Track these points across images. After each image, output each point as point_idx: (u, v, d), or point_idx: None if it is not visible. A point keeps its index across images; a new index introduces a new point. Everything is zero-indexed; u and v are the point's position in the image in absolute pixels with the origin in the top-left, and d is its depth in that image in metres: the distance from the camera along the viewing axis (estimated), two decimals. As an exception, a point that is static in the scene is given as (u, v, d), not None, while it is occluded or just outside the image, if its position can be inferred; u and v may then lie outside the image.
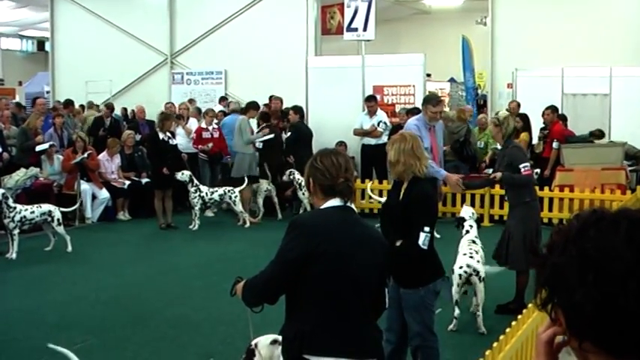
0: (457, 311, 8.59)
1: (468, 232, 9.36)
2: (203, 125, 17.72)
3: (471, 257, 8.73)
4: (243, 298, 4.47)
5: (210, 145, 17.18)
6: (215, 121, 17.79)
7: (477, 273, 8.57)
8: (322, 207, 4.38)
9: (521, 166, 9.19)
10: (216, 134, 17.37)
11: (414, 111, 14.75)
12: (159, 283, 11.07)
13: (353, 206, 4.49)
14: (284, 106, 18.54)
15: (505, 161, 9.45)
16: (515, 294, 9.23)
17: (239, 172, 15.93)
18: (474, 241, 9.18)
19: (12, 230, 12.63)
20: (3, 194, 12.74)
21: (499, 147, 16.47)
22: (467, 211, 9.79)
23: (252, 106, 16.99)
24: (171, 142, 15.49)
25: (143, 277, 11.42)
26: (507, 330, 5.98)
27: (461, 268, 8.60)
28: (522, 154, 9.64)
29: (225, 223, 15.99)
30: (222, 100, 21.63)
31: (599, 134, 16.54)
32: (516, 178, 9.28)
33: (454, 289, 8.33)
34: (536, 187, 10.17)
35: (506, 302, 9.26)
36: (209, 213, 16.68)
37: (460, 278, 8.56)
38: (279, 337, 4.62)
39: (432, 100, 11.70)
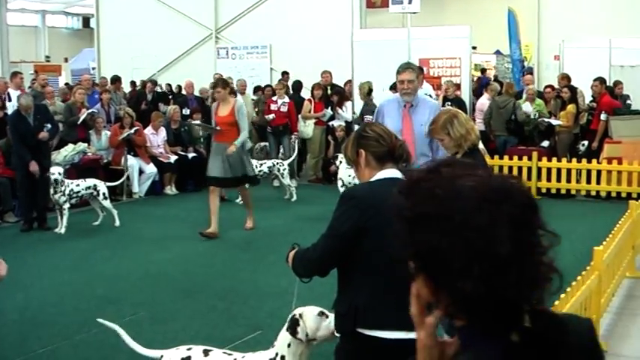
0: None
1: None
2: (274, 98, 17.88)
3: None
4: (294, 269, 4.44)
5: (272, 116, 17.29)
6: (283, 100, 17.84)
7: None
8: (374, 179, 4.29)
9: None
10: (284, 108, 17.45)
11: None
12: (206, 257, 11.13)
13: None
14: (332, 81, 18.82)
15: None
16: None
17: None
18: None
19: (62, 204, 12.79)
20: (60, 173, 12.88)
21: (545, 120, 16.43)
22: None
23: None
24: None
25: (191, 250, 11.50)
26: (562, 296, 5.92)
27: None
28: None
29: (272, 197, 16.02)
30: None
31: None
32: None
33: None
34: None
35: None
36: (276, 183, 16.79)
37: None
38: (325, 310, 4.62)
39: (398, 68, 8.38)
